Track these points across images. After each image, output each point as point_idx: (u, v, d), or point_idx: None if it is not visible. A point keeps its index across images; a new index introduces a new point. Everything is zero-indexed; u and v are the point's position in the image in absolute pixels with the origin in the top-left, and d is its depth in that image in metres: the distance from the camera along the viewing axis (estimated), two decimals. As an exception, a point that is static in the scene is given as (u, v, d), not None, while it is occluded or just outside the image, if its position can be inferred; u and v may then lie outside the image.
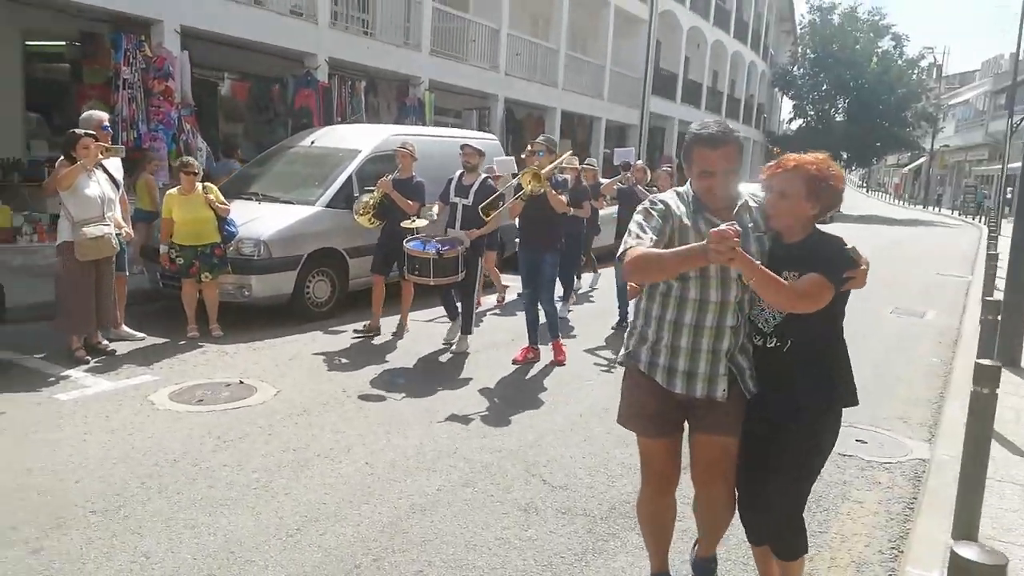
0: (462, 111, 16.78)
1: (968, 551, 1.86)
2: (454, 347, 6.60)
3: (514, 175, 7.10)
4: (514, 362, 6.27)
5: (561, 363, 6.29)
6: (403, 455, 4.27)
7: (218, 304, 6.78)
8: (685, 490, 2.80)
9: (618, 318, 7.81)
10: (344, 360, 6.18)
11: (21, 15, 9.99)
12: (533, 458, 4.29)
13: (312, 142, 8.56)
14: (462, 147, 6.66)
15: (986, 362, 3.31)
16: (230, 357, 6.10)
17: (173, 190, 6.50)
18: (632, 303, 3.06)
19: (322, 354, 6.31)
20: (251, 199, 7.47)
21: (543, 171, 5.92)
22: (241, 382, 5.40)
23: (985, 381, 3.24)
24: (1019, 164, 29.03)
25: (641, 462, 2.77)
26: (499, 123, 16.64)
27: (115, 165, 6.20)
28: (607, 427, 4.64)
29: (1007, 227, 8.54)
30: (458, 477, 4.00)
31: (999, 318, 6.08)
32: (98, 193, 5.78)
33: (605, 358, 6.65)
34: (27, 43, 10.78)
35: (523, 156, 9.01)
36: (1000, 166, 27.93)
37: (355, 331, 7.02)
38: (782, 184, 2.49)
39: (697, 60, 28.06)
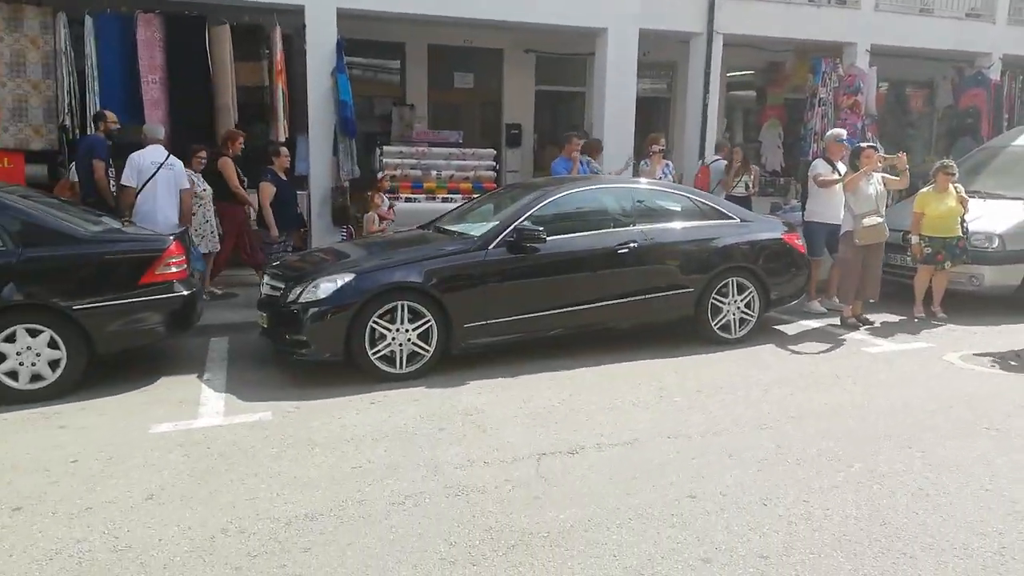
0: None
1: None
2: None
3: None
4: None
5: None
6: None
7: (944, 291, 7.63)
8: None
9: None
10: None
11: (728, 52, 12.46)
12: None
13: (1031, 139, 8.74)
14: None
15: None
16: (977, 337, 6.83)
17: (926, 188, 7.56)
18: None
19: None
20: (974, 196, 8.03)
21: None
22: (1019, 354, 6.10)
23: None
24: None
25: None
26: None
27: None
28: None
29: None
30: None
31: None
32: (873, 192, 7.14)
33: None
34: (728, 74, 13.40)
35: None
36: None
37: None
38: None
39: None
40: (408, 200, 9.44)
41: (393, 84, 11.67)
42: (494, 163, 9.98)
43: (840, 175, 7.41)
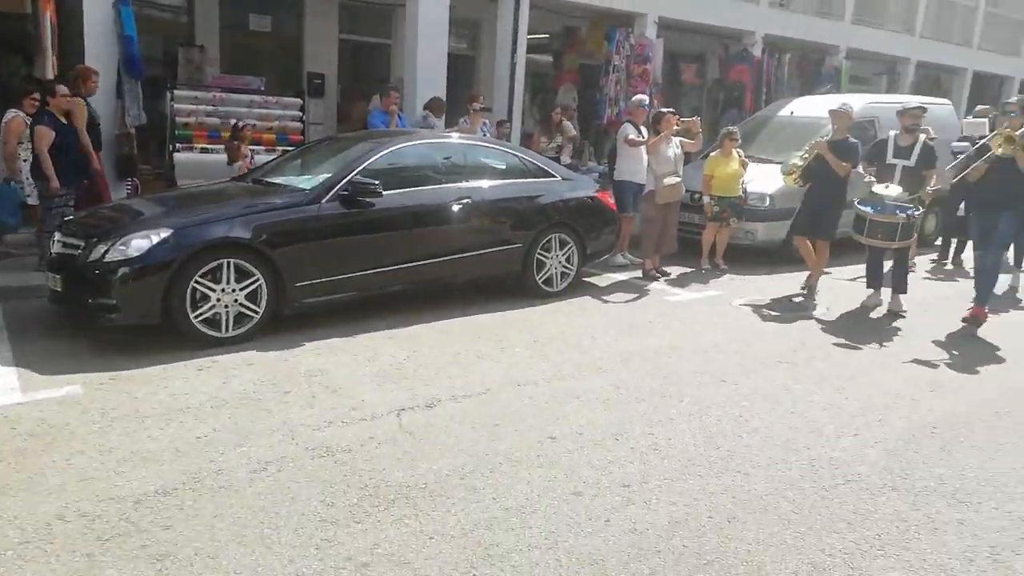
0: (870, 77, 16.97)
1: None
2: (891, 306, 6.74)
3: (980, 137, 7.55)
4: (969, 317, 6.28)
5: (975, 329, 6.20)
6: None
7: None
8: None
9: None
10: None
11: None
12: (1003, 407, 4.55)
13: (791, 112, 9.98)
14: (911, 109, 6.77)
15: None
16: (755, 284, 7.81)
17: (715, 152, 8.39)
18: None
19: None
20: (749, 161, 9.07)
21: (1017, 133, 5.83)
22: (792, 300, 7.08)
23: None
24: None
25: None
26: (909, 87, 16.53)
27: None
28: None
29: None
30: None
31: None
32: (672, 154, 7.81)
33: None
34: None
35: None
36: None
37: (801, 288, 7.37)
38: None
39: None
40: (204, 151, 8.71)
41: (179, 23, 10.56)
42: (300, 113, 9.47)
43: (644, 138, 8.00)
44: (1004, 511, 3.33)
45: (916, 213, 6.48)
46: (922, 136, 6.77)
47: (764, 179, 8.73)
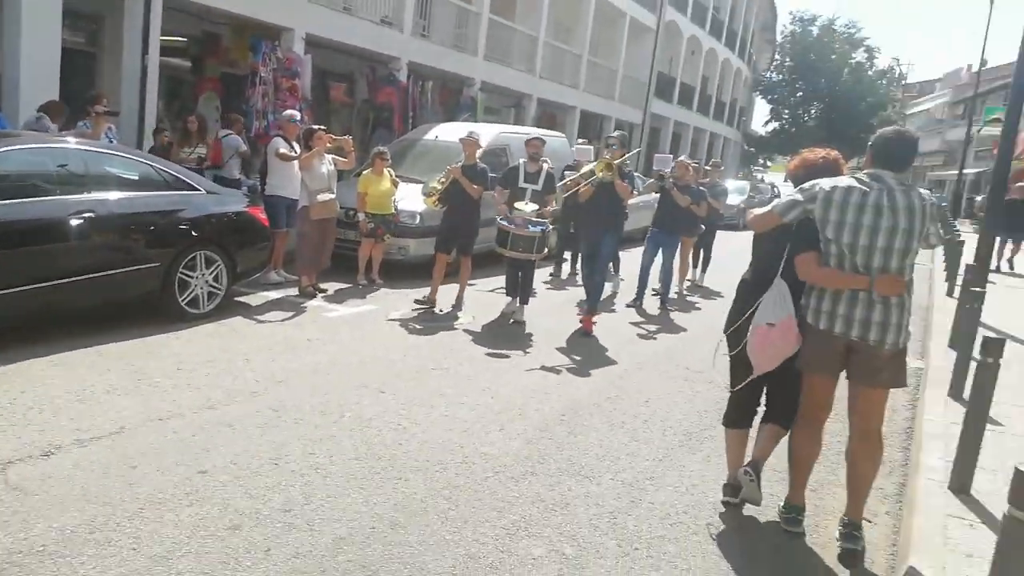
0: (501, 109, 18.85)
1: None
2: (516, 316, 7.37)
3: (588, 162, 8.89)
4: (583, 325, 7.16)
5: (588, 333, 7.07)
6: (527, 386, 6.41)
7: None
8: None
9: (634, 296, 8.73)
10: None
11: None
12: (613, 393, 5.44)
13: (436, 136, 10.61)
14: (533, 140, 7.77)
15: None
16: (409, 298, 8.13)
17: (367, 171, 8.54)
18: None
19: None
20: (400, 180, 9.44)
21: (615, 162, 7.01)
22: (440, 311, 7.52)
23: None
24: (974, 170, 32.12)
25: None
26: (532, 120, 18.75)
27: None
28: (666, 368, 6.25)
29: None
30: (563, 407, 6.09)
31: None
32: (326, 171, 7.79)
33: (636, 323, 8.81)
34: (160, 37, 12.56)
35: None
36: (955, 171, 31.22)
37: (416, 301, 7.72)
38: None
39: (692, 66, 30.48)
40: None
41: None
42: None
43: (296, 153, 7.84)
44: (618, 480, 3.93)
45: (548, 230, 7.38)
46: (545, 165, 7.72)
47: (413, 198, 9.13)
